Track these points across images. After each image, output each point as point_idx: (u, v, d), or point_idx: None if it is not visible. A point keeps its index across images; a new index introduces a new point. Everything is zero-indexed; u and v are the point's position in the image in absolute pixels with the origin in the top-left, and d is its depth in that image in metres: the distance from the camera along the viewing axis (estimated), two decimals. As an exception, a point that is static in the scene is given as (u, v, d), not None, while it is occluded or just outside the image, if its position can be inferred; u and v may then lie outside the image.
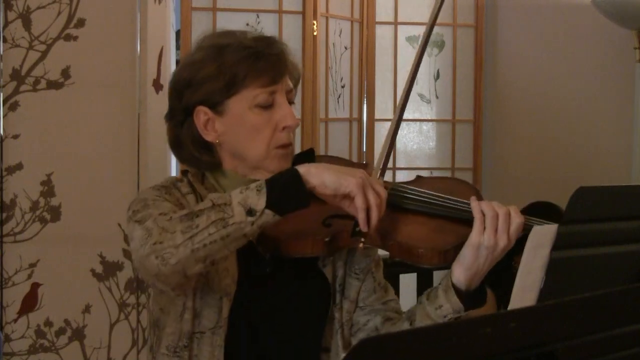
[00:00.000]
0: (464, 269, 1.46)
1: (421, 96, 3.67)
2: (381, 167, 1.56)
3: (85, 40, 2.66)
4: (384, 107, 3.63)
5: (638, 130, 3.41)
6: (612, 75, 3.51)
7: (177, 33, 3.25)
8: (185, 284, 1.47)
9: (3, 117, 2.62)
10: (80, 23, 2.66)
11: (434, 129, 3.71)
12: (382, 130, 3.64)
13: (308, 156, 1.63)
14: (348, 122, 3.52)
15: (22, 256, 2.63)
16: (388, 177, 3.68)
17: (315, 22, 3.25)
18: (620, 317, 1.09)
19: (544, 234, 1.21)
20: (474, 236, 1.44)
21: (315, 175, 1.37)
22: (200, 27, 3.15)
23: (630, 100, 3.43)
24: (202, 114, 1.55)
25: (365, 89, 3.59)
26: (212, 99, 1.54)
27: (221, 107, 1.54)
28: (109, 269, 2.67)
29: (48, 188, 2.66)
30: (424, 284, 2.95)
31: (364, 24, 3.56)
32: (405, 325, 1.56)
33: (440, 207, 1.51)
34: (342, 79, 3.47)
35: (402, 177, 3.65)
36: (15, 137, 2.64)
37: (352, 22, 3.50)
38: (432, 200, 1.52)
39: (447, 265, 1.50)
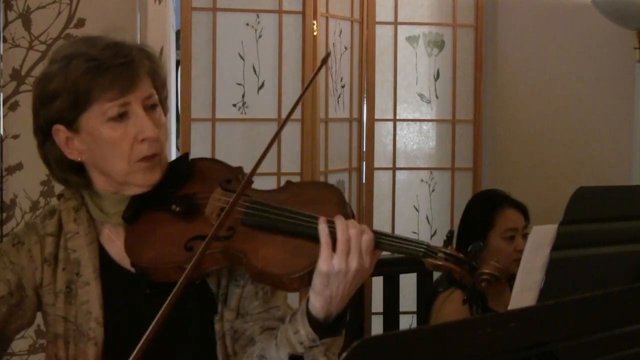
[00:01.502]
0: (315, 295, 1.34)
1: (421, 96, 3.67)
2: (249, 173, 1.43)
3: (85, 40, 2.66)
4: (384, 107, 3.63)
5: (638, 130, 3.41)
6: (612, 75, 3.51)
7: (177, 33, 3.25)
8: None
9: (3, 117, 2.62)
10: (80, 23, 2.66)
11: (434, 129, 3.70)
12: (382, 131, 3.64)
13: (182, 162, 1.54)
14: (348, 122, 3.52)
15: (22, 256, 2.63)
16: (388, 177, 3.68)
17: (315, 22, 3.25)
18: (620, 317, 1.09)
19: (544, 234, 1.21)
20: (321, 263, 1.32)
21: None
22: (200, 27, 3.15)
23: (630, 100, 3.43)
24: (60, 132, 1.46)
25: (365, 89, 3.59)
26: (65, 117, 1.44)
27: (76, 125, 1.44)
28: (109, 269, 2.67)
29: (48, 188, 2.66)
30: (424, 284, 2.95)
31: (364, 24, 3.56)
32: (273, 343, 1.42)
33: (294, 226, 1.38)
34: (342, 79, 3.47)
35: (402, 177, 3.65)
36: (15, 137, 2.64)
37: (352, 22, 3.50)
38: (286, 219, 1.39)
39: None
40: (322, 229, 1.34)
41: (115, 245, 1.51)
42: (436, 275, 2.90)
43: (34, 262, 1.49)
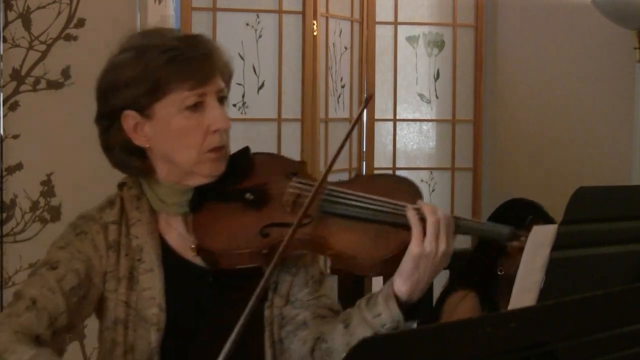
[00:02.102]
0: (404, 279, 1.41)
1: (421, 96, 3.67)
2: (320, 181, 1.47)
3: (85, 40, 2.66)
4: (384, 107, 3.63)
5: (638, 130, 3.41)
6: (612, 75, 3.50)
7: (177, 33, 3.24)
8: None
9: (3, 117, 2.62)
10: (80, 23, 2.66)
11: (434, 129, 3.71)
12: (382, 131, 3.64)
13: (244, 156, 1.58)
14: (348, 122, 3.52)
15: (22, 256, 2.63)
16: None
17: (315, 22, 3.25)
18: (620, 317, 1.09)
19: (544, 234, 1.21)
20: (413, 246, 1.38)
21: None
22: (200, 27, 3.15)
23: (630, 100, 3.43)
24: (130, 118, 1.49)
25: (365, 89, 3.59)
26: (139, 103, 1.47)
27: (149, 111, 1.48)
28: (109, 269, 2.67)
29: (48, 188, 2.66)
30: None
31: (364, 24, 3.56)
32: (340, 327, 1.49)
33: (376, 213, 1.43)
34: (342, 79, 3.47)
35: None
36: (15, 137, 2.64)
37: (352, 22, 3.50)
38: (367, 206, 1.44)
39: (392, 273, 1.44)
40: (413, 215, 1.39)
41: (173, 234, 1.55)
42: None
43: (98, 251, 1.51)
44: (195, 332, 1.51)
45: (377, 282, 3.13)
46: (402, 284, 1.41)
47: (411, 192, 1.48)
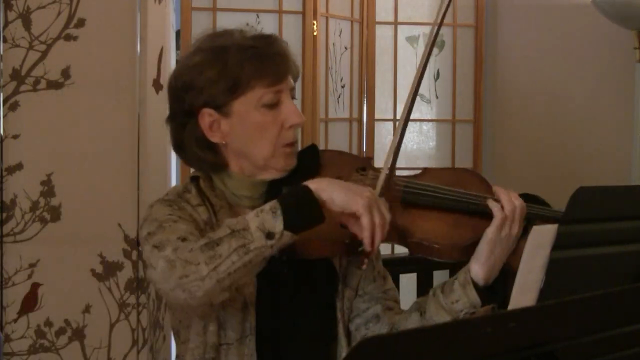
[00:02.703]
0: (481, 264, 1.48)
1: (421, 96, 3.67)
2: (389, 166, 1.59)
3: (85, 40, 2.66)
4: (384, 107, 3.63)
5: (638, 130, 3.41)
6: (612, 75, 3.51)
7: (177, 33, 3.25)
8: (210, 311, 1.50)
9: (3, 117, 2.62)
10: (80, 23, 2.66)
11: (434, 129, 3.71)
12: (382, 131, 3.64)
13: (312, 152, 1.64)
14: (348, 122, 3.52)
15: (22, 256, 2.63)
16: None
17: (315, 22, 3.25)
18: (620, 317, 1.09)
19: (544, 234, 1.21)
20: (491, 232, 1.46)
21: (325, 191, 1.38)
22: (200, 27, 3.15)
23: (630, 100, 3.43)
24: (207, 116, 1.54)
25: (365, 89, 3.59)
26: (217, 101, 1.53)
27: (227, 109, 1.54)
28: (109, 269, 2.67)
29: (48, 188, 2.66)
30: (424, 284, 2.95)
31: (364, 24, 3.56)
32: (415, 316, 1.57)
33: (457, 202, 1.52)
34: (342, 79, 3.47)
35: (402, 177, 3.65)
36: (15, 137, 2.64)
37: (352, 22, 3.50)
38: (447, 196, 1.53)
39: (467, 259, 1.52)
40: (494, 204, 1.48)
41: None
42: (436, 275, 2.90)
43: (198, 224, 1.54)
44: (274, 308, 1.57)
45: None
46: (479, 268, 1.48)
47: (484, 181, 1.58)
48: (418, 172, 1.67)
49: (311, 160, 1.62)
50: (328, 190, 1.38)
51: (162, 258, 1.39)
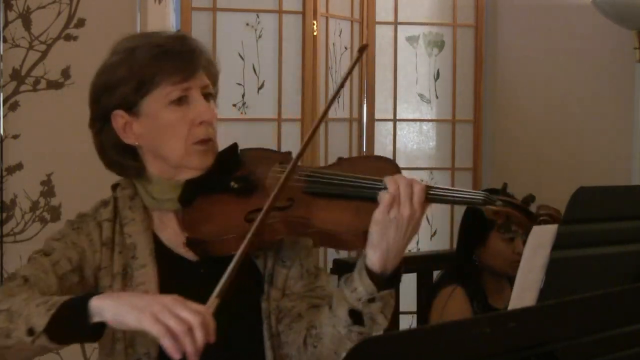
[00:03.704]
0: (374, 249, 1.41)
1: (421, 96, 3.67)
2: (293, 162, 1.50)
3: (85, 40, 2.66)
4: (384, 107, 3.63)
5: (638, 130, 3.41)
6: (612, 75, 3.51)
7: (177, 33, 3.25)
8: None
9: (3, 117, 2.62)
10: (80, 23, 2.66)
11: (434, 129, 3.71)
12: (382, 131, 3.64)
13: (231, 150, 1.61)
14: (348, 122, 3.52)
15: (22, 256, 2.62)
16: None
17: (315, 22, 3.25)
18: (620, 317, 1.09)
19: (544, 234, 1.21)
20: (378, 213, 1.40)
21: (108, 309, 1.30)
22: (200, 27, 3.15)
23: (630, 100, 3.43)
24: (119, 118, 1.53)
25: (365, 89, 3.59)
26: (127, 102, 1.52)
27: (136, 109, 1.52)
28: (109, 269, 2.67)
29: (48, 188, 2.66)
30: (424, 284, 2.95)
31: (364, 24, 3.56)
32: (325, 310, 1.50)
33: (354, 189, 1.47)
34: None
35: (402, 177, 3.65)
36: (15, 137, 2.64)
37: (352, 22, 3.50)
38: (345, 183, 1.48)
39: None
40: (386, 181, 1.42)
41: (167, 231, 1.58)
42: (436, 274, 2.90)
43: (93, 245, 1.55)
44: None
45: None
46: (372, 253, 1.42)
47: (390, 168, 1.51)
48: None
49: (231, 158, 1.59)
50: (110, 309, 1.31)
51: (3, 288, 1.42)
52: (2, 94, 2.62)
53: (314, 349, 1.49)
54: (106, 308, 1.31)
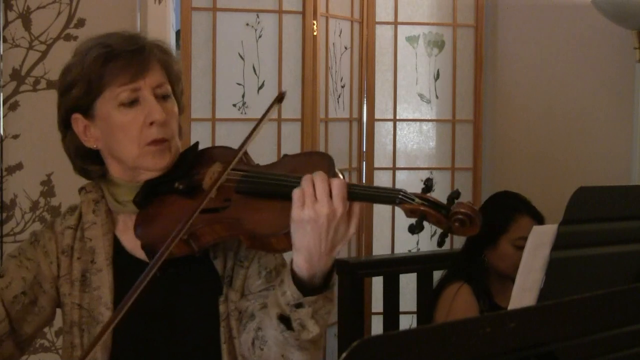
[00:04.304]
0: (296, 250, 1.34)
1: (421, 96, 3.67)
2: (230, 162, 1.46)
3: (85, 40, 2.66)
4: (384, 107, 3.63)
5: (638, 130, 3.41)
6: (612, 75, 3.51)
7: (177, 33, 3.25)
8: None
9: (3, 117, 2.62)
10: (80, 23, 2.66)
11: (434, 129, 3.71)
12: (382, 131, 3.64)
13: (192, 150, 1.59)
14: (348, 122, 3.52)
15: (22, 256, 2.63)
16: (388, 177, 3.67)
17: (315, 22, 3.25)
18: (620, 317, 1.09)
19: (544, 234, 1.21)
20: (293, 213, 1.32)
21: None
22: (200, 27, 3.15)
23: (630, 100, 3.43)
24: (79, 121, 1.53)
25: (365, 89, 3.59)
26: (81, 105, 1.52)
27: (91, 112, 1.52)
28: (109, 269, 2.67)
29: (48, 188, 2.66)
30: (424, 284, 2.95)
31: (364, 24, 3.56)
32: (262, 312, 1.46)
33: (275, 187, 1.42)
34: (342, 79, 3.47)
35: (402, 177, 3.65)
36: (15, 137, 2.64)
37: (352, 22, 3.50)
38: (270, 182, 1.44)
39: None
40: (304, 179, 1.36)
41: (129, 235, 1.56)
42: (436, 274, 2.90)
43: (49, 257, 1.55)
44: (146, 330, 1.52)
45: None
46: (296, 256, 1.35)
47: (322, 163, 1.44)
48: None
49: (190, 159, 1.56)
50: None
51: None
52: (2, 94, 2.62)
53: (261, 351, 1.44)
54: None
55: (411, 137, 3.68)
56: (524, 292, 1.21)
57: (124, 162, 1.53)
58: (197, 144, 1.61)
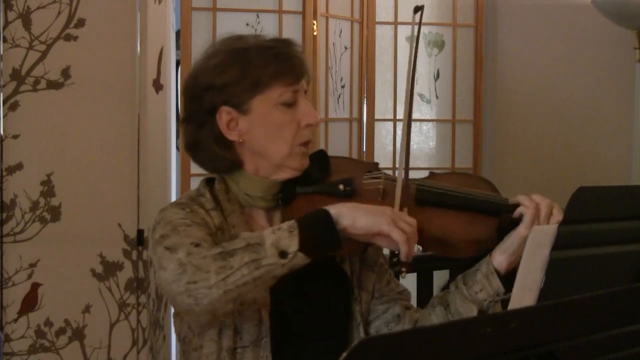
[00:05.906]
0: (508, 256, 1.55)
1: (421, 96, 3.67)
2: (404, 168, 1.69)
3: (85, 40, 2.66)
4: (384, 107, 3.63)
5: (638, 130, 3.41)
6: (612, 75, 3.51)
7: (177, 33, 3.25)
8: (213, 319, 1.51)
9: (3, 117, 2.62)
10: (80, 23, 2.66)
11: (434, 129, 3.71)
12: (382, 131, 3.64)
13: (321, 156, 1.66)
14: (348, 122, 3.52)
15: (22, 256, 2.64)
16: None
17: (315, 22, 3.25)
18: (620, 317, 1.09)
19: (544, 234, 1.21)
20: (523, 229, 1.53)
21: (346, 216, 1.41)
22: (200, 27, 3.15)
23: (630, 100, 3.43)
24: (225, 114, 1.57)
25: (365, 89, 3.59)
26: (237, 99, 1.56)
27: (246, 106, 1.56)
28: (109, 269, 2.67)
29: (48, 188, 2.66)
30: (424, 284, 2.94)
31: (364, 24, 3.56)
32: (439, 310, 1.63)
33: (477, 202, 1.60)
34: (342, 79, 3.47)
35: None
36: (15, 137, 2.64)
37: (352, 22, 3.50)
38: (465, 196, 1.61)
39: (480, 256, 1.60)
40: (524, 200, 1.57)
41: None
42: (436, 275, 2.90)
43: (210, 229, 1.55)
44: (296, 312, 1.60)
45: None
46: (504, 260, 1.56)
47: (491, 186, 1.70)
48: (420, 174, 1.76)
49: (322, 163, 1.66)
50: (349, 215, 1.41)
51: (175, 261, 1.40)
52: (2, 94, 2.62)
53: None
54: (344, 215, 1.40)
55: (411, 137, 3.68)
56: (524, 292, 1.21)
57: (269, 158, 1.58)
58: (323, 151, 1.69)
